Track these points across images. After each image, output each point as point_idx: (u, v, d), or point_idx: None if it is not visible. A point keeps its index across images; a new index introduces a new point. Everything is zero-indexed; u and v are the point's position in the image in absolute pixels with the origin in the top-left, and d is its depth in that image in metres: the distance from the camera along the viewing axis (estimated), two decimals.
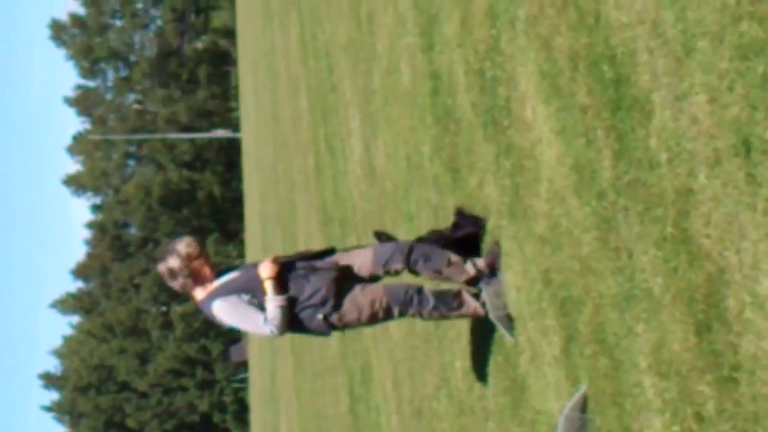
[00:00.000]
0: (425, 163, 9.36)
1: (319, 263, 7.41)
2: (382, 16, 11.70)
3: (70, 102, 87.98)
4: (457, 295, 7.31)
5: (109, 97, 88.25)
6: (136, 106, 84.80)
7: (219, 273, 7.51)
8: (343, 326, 7.44)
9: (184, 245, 7.48)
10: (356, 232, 13.84)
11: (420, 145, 9.55)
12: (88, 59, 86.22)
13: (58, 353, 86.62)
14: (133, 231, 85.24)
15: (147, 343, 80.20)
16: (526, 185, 6.78)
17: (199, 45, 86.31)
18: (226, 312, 7.33)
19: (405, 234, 10.47)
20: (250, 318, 7.28)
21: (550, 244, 6.39)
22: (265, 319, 7.20)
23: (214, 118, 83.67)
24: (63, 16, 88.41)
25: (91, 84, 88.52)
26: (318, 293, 7.23)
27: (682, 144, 4.76)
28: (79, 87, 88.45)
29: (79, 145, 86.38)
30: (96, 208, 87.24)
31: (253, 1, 42.75)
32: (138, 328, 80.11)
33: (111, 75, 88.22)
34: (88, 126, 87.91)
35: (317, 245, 17.89)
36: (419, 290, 7.32)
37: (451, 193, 8.56)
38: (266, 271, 7.25)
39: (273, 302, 7.17)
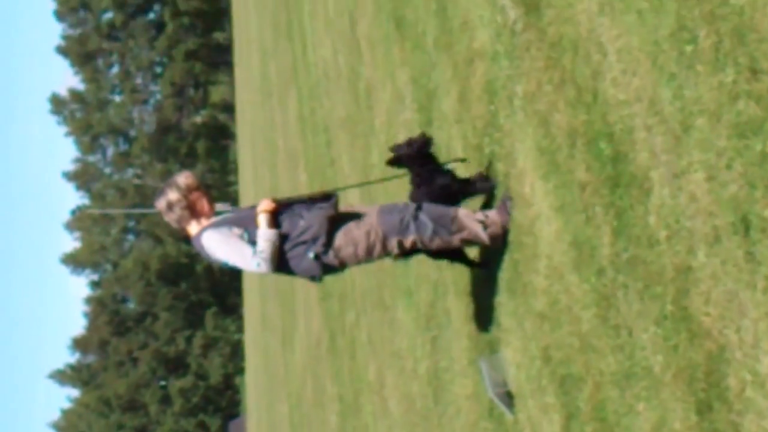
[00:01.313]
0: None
1: (317, 203, 7.19)
2: (381, 92, 11.75)
3: (69, 177, 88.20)
4: (455, 218, 7.04)
5: (108, 171, 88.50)
6: (134, 181, 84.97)
7: (216, 213, 7.30)
8: (340, 264, 7.13)
9: (183, 177, 7.33)
10: (355, 307, 13.81)
11: None
12: (88, 134, 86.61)
13: (57, 426, 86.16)
14: (132, 306, 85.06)
15: (145, 418, 79.78)
16: (525, 261, 6.77)
17: (198, 119, 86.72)
18: (215, 242, 7.10)
19: (404, 310, 10.45)
20: (239, 250, 7.04)
21: (550, 320, 6.36)
22: (254, 252, 6.99)
23: (213, 193, 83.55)
24: (63, 91, 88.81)
25: (90, 159, 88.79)
26: (309, 229, 7.00)
27: (681, 221, 4.75)
28: (78, 161, 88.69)
29: (77, 221, 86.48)
30: (94, 284, 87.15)
31: (251, 77, 43.00)
32: (136, 402, 79.72)
33: (110, 150, 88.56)
34: (86, 201, 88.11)
35: (316, 320, 17.85)
36: (415, 216, 7.03)
37: (450, 268, 8.54)
38: (263, 205, 7.08)
39: (264, 235, 6.97)
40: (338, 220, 7.08)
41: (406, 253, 7.20)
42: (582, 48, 5.88)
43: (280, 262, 7.07)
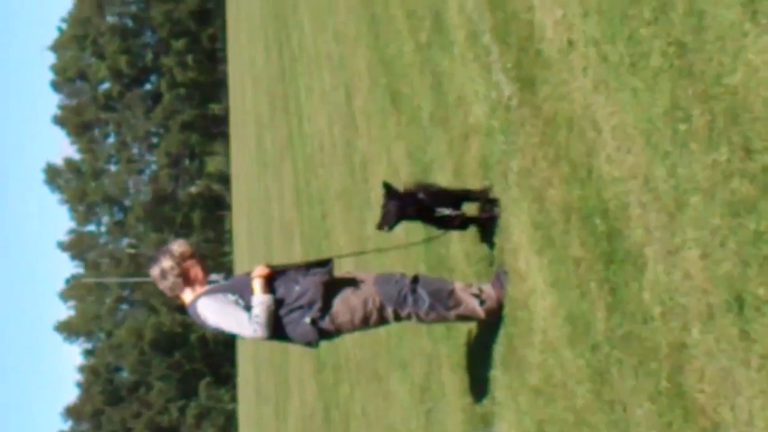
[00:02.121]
0: None
1: (313, 269, 7.14)
2: (376, 165, 11.80)
3: (64, 246, 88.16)
4: (452, 293, 6.98)
5: (102, 241, 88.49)
6: (129, 250, 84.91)
7: (210, 281, 7.26)
8: (336, 330, 7.06)
9: (177, 245, 7.30)
10: (350, 379, 13.77)
11: None
12: (83, 204, 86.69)
13: None
14: (125, 375, 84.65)
15: None
16: (519, 336, 6.77)
17: (194, 190, 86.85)
18: (211, 309, 7.05)
19: (398, 383, 10.43)
20: (235, 316, 6.98)
21: (544, 395, 6.36)
22: (250, 318, 6.92)
23: (208, 262, 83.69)
24: (58, 161, 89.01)
25: (85, 228, 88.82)
26: (305, 295, 6.93)
27: (675, 298, 4.77)
28: (73, 231, 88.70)
29: (71, 289, 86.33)
30: (88, 353, 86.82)
31: (247, 148, 43.15)
32: None
33: (105, 219, 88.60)
34: (81, 270, 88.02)
35: (311, 391, 17.80)
36: (413, 289, 6.97)
37: (445, 341, 8.55)
38: (258, 270, 7.02)
39: (259, 300, 6.91)
40: (334, 285, 7.06)
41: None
42: (577, 125, 5.93)
43: (276, 328, 7.02)
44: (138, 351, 79.88)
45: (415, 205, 7.26)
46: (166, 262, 7.22)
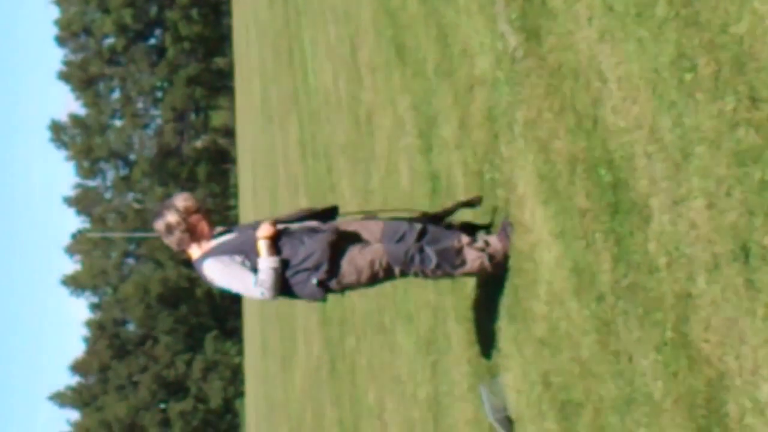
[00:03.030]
0: None
1: (319, 226, 7.13)
2: (381, 118, 11.79)
3: (70, 202, 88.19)
4: (460, 251, 7.00)
5: (108, 196, 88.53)
6: (135, 205, 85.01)
7: (217, 234, 7.27)
8: (342, 289, 7.12)
9: (181, 199, 7.28)
10: (355, 332, 13.82)
11: None
12: (88, 159, 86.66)
13: None
14: (132, 329, 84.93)
15: None
16: (525, 287, 6.78)
17: (199, 144, 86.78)
18: (217, 272, 7.07)
19: (404, 335, 10.46)
20: (241, 279, 7.00)
21: (550, 346, 6.37)
22: (256, 281, 6.95)
23: (214, 216, 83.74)
24: (63, 117, 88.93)
25: (90, 183, 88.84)
26: (312, 257, 6.93)
27: (680, 249, 4.77)
28: (78, 187, 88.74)
29: (77, 244, 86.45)
30: (94, 307, 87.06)
31: (252, 102, 43.09)
32: (136, 425, 79.52)
33: (111, 174, 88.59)
34: (87, 225, 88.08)
35: (317, 344, 17.85)
36: (421, 249, 6.98)
37: (451, 293, 8.56)
38: (263, 231, 7.00)
39: (265, 263, 6.91)
40: (340, 244, 7.06)
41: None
42: (582, 75, 5.90)
43: (283, 287, 7.04)
44: (144, 305, 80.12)
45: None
46: (171, 217, 7.20)
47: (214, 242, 7.22)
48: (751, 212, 4.22)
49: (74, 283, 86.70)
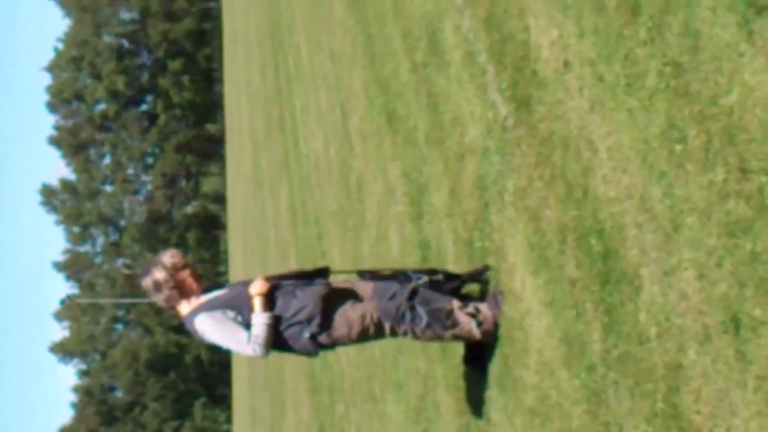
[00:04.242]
0: None
1: (312, 282, 7.11)
2: (372, 185, 11.80)
3: (59, 267, 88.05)
4: (451, 313, 6.96)
5: (98, 261, 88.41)
6: (124, 271, 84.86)
7: (206, 290, 7.22)
8: (333, 343, 7.08)
9: (168, 256, 7.23)
10: (345, 399, 13.74)
11: None
12: (78, 224, 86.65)
13: None
14: (120, 395, 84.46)
15: None
16: (515, 356, 6.76)
17: (189, 210, 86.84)
18: (209, 327, 7.00)
19: (393, 403, 10.40)
20: (234, 335, 6.94)
21: (540, 416, 6.34)
22: (249, 337, 6.88)
23: (203, 282, 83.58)
24: (54, 182, 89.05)
25: (80, 249, 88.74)
26: (304, 310, 6.90)
27: (671, 319, 4.76)
28: (68, 252, 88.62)
29: (66, 309, 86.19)
30: (83, 373, 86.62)
31: (243, 168, 43.17)
32: None
33: (100, 240, 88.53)
34: (76, 290, 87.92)
35: (306, 411, 17.76)
36: (412, 307, 6.93)
37: (440, 362, 8.52)
38: (256, 287, 6.96)
39: (259, 319, 6.87)
40: (332, 298, 7.04)
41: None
42: (572, 145, 5.92)
43: (275, 341, 7.00)
44: (133, 371, 79.72)
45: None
46: (159, 274, 7.16)
47: (204, 297, 7.20)
48: (742, 284, 4.22)
49: (62, 350, 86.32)
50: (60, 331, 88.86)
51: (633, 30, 5.22)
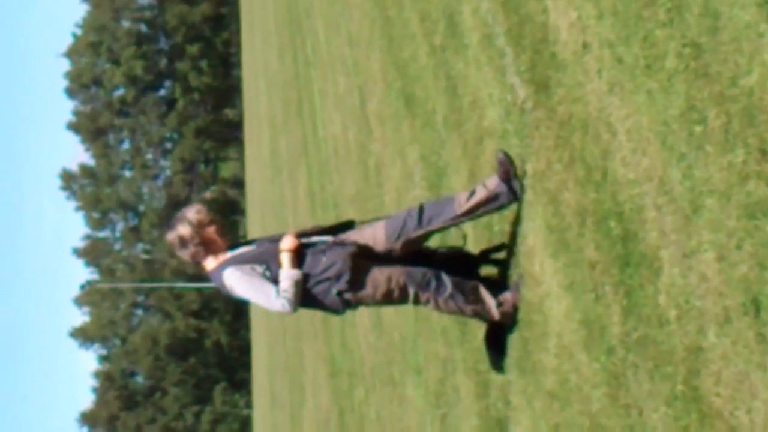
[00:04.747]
0: (433, 315, 9.33)
1: (338, 238, 7.10)
2: (390, 169, 11.79)
3: (79, 253, 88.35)
4: (475, 289, 6.98)
5: (117, 247, 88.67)
6: (143, 256, 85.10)
7: (232, 246, 7.20)
8: (357, 302, 7.06)
9: (194, 212, 7.20)
10: (364, 384, 13.76)
11: None
12: (98, 210, 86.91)
13: None
14: (140, 380, 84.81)
15: None
16: (534, 340, 6.75)
17: (208, 195, 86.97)
18: (238, 280, 6.96)
19: (413, 387, 10.41)
20: (262, 289, 6.92)
21: (560, 399, 6.33)
22: (278, 292, 6.85)
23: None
24: (74, 167, 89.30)
25: (99, 234, 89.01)
26: (333, 267, 6.89)
27: (691, 301, 4.74)
28: (87, 238, 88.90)
29: (86, 295, 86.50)
30: (103, 358, 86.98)
31: (262, 153, 43.19)
32: None
33: (120, 225, 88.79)
34: (96, 276, 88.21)
35: (325, 396, 17.79)
36: (438, 276, 6.94)
37: (460, 345, 8.52)
38: (286, 243, 6.95)
39: (288, 275, 6.84)
40: (361, 258, 7.02)
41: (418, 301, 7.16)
42: (591, 127, 5.90)
43: (303, 298, 6.97)
44: (153, 356, 80.00)
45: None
46: (184, 230, 7.14)
47: (230, 253, 7.16)
48: (762, 265, 4.20)
49: (83, 335, 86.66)
50: (80, 317, 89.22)
51: (652, 11, 5.19)
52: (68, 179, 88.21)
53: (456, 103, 8.82)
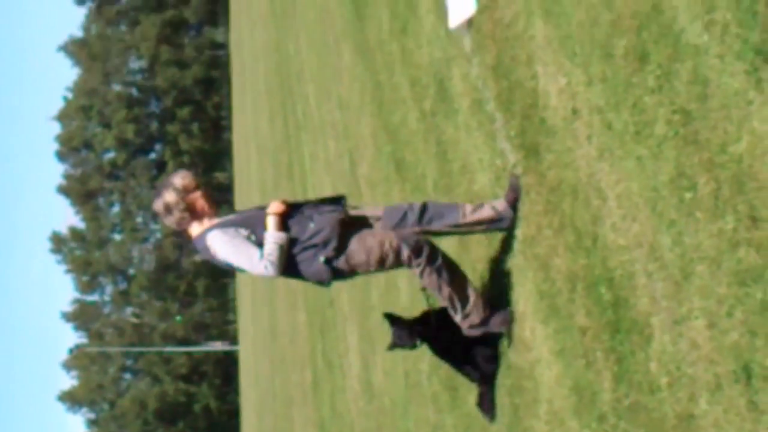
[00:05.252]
0: (423, 381, 9.30)
1: (327, 206, 7.01)
2: None
3: (68, 317, 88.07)
4: (463, 280, 6.86)
5: (106, 311, 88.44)
6: (133, 320, 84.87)
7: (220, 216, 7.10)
8: (350, 271, 6.89)
9: (179, 177, 7.11)
10: None
11: (418, 363, 9.50)
12: (87, 273, 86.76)
13: None
14: None
15: None
16: (525, 406, 6.72)
17: (198, 258, 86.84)
18: (221, 243, 6.87)
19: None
20: (246, 252, 6.79)
21: None
22: (262, 255, 6.73)
23: (212, 331, 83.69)
24: (64, 230, 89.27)
25: (89, 298, 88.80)
26: (321, 233, 6.78)
27: (682, 368, 4.72)
28: (76, 302, 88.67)
29: (74, 359, 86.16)
30: (92, 422, 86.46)
31: None
32: None
33: (109, 289, 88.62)
34: (84, 340, 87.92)
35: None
36: (431, 244, 6.82)
37: (450, 412, 8.48)
38: (273, 207, 6.87)
39: (272, 238, 6.73)
40: (349, 224, 6.94)
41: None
42: (581, 193, 5.91)
43: (288, 266, 6.86)
44: (141, 421, 79.60)
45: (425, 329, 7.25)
46: (170, 196, 7.06)
47: (217, 219, 7.09)
48: (753, 333, 4.19)
49: (71, 399, 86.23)
50: (68, 381, 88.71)
51: (641, 78, 5.22)
52: (58, 242, 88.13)
53: (446, 168, 8.83)
